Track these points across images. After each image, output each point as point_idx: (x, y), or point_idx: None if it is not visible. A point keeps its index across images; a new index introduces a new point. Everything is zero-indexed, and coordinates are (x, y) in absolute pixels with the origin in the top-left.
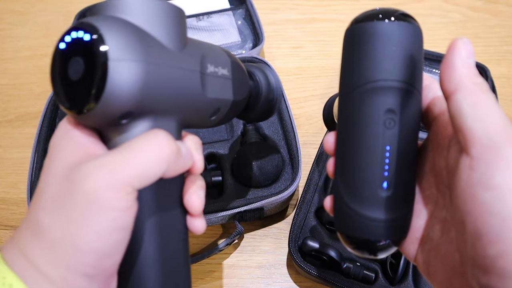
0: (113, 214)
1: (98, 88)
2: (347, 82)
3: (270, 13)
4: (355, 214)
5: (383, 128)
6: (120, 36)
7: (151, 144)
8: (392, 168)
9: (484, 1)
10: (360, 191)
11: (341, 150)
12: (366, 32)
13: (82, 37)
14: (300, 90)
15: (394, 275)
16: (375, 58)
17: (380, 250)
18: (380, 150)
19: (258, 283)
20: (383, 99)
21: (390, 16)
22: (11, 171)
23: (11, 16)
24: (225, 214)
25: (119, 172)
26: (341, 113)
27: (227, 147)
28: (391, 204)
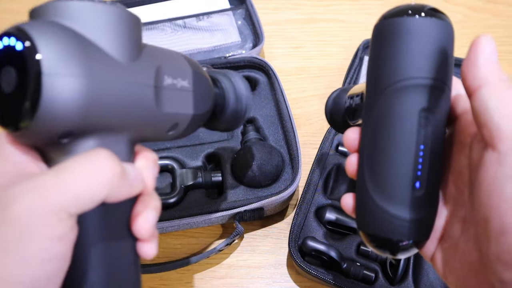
0: (43, 243)
1: (32, 104)
2: (379, 78)
3: (270, 13)
4: (383, 213)
5: (418, 126)
6: (57, 46)
7: (90, 165)
8: (425, 168)
9: (484, 1)
10: (392, 190)
11: (371, 147)
12: (398, 28)
13: (14, 45)
14: (300, 90)
15: (394, 275)
16: (410, 55)
17: (402, 250)
18: (415, 149)
19: (258, 283)
20: (419, 97)
21: (421, 12)
22: None
23: (11, 16)
24: (225, 214)
25: (52, 196)
26: (369, 111)
27: (227, 147)
28: (421, 204)
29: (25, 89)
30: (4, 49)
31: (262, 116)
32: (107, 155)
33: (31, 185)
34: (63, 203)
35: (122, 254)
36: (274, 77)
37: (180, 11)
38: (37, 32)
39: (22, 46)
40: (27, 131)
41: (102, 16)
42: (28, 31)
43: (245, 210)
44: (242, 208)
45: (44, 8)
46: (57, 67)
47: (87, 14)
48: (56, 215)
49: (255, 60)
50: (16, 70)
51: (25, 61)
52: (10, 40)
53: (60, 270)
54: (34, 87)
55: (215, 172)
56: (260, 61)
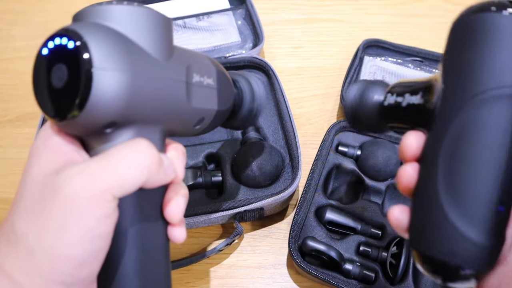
0: (91, 222)
1: (82, 97)
2: (467, 83)
3: (270, 13)
4: (456, 232)
5: (511, 142)
6: (105, 45)
7: (132, 153)
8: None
9: None
10: (473, 209)
11: (451, 159)
12: (487, 26)
13: (65, 44)
14: (300, 90)
15: (394, 275)
16: (504, 58)
17: (460, 279)
18: (506, 167)
19: (258, 283)
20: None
21: (509, 8)
22: (11, 171)
23: (11, 16)
24: (225, 214)
25: (99, 179)
26: (450, 117)
27: (227, 147)
28: (497, 229)
29: (77, 83)
30: (56, 48)
31: (262, 116)
32: (146, 144)
33: (81, 169)
34: (109, 186)
35: (155, 237)
36: (274, 77)
37: (180, 11)
38: (87, 32)
39: (73, 44)
40: (74, 122)
41: (140, 18)
42: (78, 31)
43: (245, 210)
44: (242, 208)
45: (87, 12)
46: (105, 62)
47: (127, 16)
48: (103, 196)
49: (255, 60)
50: (68, 66)
51: (76, 58)
52: (62, 40)
53: (103, 249)
54: (85, 81)
55: (215, 172)
56: (260, 61)
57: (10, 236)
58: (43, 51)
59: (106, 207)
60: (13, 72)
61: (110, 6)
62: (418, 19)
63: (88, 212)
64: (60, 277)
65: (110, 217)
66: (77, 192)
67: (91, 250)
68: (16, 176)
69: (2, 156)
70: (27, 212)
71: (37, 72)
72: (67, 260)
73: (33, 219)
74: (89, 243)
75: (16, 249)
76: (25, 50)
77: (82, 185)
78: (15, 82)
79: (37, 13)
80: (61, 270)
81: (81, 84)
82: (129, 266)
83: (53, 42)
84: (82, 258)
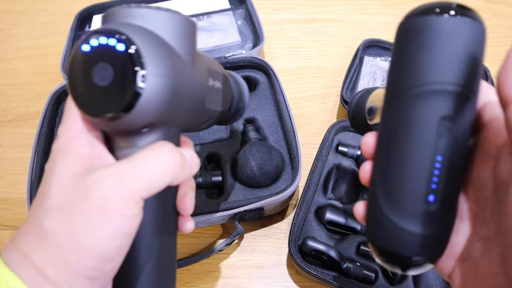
0: (120, 221)
1: (131, 101)
2: (398, 82)
3: (270, 13)
4: (392, 226)
5: (436, 136)
6: (154, 51)
7: (158, 157)
8: (441, 181)
9: (484, 1)
10: (402, 202)
11: (384, 155)
12: (422, 27)
13: (113, 46)
14: (300, 90)
15: (394, 275)
16: (432, 58)
17: (413, 266)
18: (430, 160)
19: (258, 283)
20: (439, 104)
21: (451, 10)
22: (11, 171)
23: (11, 16)
24: (225, 214)
25: (129, 182)
26: (387, 115)
27: (227, 147)
28: (434, 219)
29: (126, 86)
30: (101, 47)
31: (262, 116)
32: (170, 147)
33: (112, 171)
34: (138, 189)
35: (170, 230)
36: (274, 77)
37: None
38: (137, 38)
39: (124, 47)
40: (117, 121)
41: (174, 23)
42: (130, 36)
43: (245, 210)
44: (242, 208)
45: (124, 12)
46: (155, 69)
47: (165, 21)
48: (132, 198)
49: (255, 60)
50: (114, 67)
51: (127, 62)
52: (110, 41)
53: (126, 247)
54: (136, 86)
55: (215, 172)
56: (260, 61)
57: (38, 231)
58: (84, 47)
59: (134, 208)
60: (13, 72)
61: (149, 10)
62: None
63: (117, 212)
64: (86, 272)
65: (136, 218)
66: (109, 194)
67: (116, 247)
68: (16, 176)
69: (2, 156)
70: (55, 210)
71: (75, 68)
72: (94, 255)
73: (62, 217)
74: (115, 240)
75: (45, 243)
76: (25, 50)
77: (113, 187)
78: (15, 82)
79: (37, 13)
80: (88, 265)
81: (131, 88)
82: (148, 261)
83: (97, 41)
84: (107, 254)
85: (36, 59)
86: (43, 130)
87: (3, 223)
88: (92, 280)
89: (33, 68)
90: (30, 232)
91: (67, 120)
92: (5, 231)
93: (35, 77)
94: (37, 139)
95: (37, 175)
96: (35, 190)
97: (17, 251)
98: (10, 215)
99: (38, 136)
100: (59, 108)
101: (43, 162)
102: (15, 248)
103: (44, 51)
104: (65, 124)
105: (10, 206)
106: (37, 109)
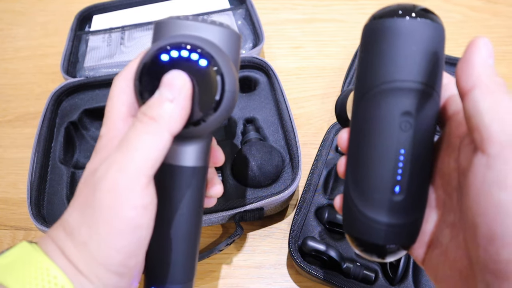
0: (131, 213)
1: (206, 114)
2: (364, 81)
3: (270, 13)
4: (364, 217)
5: (399, 130)
6: (229, 69)
7: (138, 127)
8: (405, 172)
9: (484, 1)
10: (371, 194)
11: (353, 150)
12: (384, 29)
13: (197, 60)
14: (300, 90)
15: (394, 275)
16: (393, 57)
17: (389, 254)
18: (394, 154)
19: (258, 283)
20: (400, 100)
21: (411, 13)
22: (11, 171)
23: (11, 16)
24: (225, 214)
25: (126, 166)
26: (355, 112)
27: (227, 147)
28: (403, 208)
29: (205, 101)
30: (181, 59)
31: (262, 116)
32: (144, 112)
33: (108, 164)
34: (136, 168)
35: (200, 211)
36: (274, 77)
37: (180, 11)
38: (218, 57)
39: (207, 64)
40: (187, 130)
41: (234, 41)
42: (212, 54)
43: (245, 210)
44: (242, 208)
45: (182, 25)
46: (230, 85)
47: (226, 38)
48: (137, 182)
49: (255, 60)
50: (197, 82)
51: (210, 77)
52: (192, 55)
53: (146, 238)
54: (216, 101)
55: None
56: (260, 61)
57: (65, 227)
58: (163, 57)
59: (144, 195)
60: (13, 72)
61: (212, 27)
62: None
63: (126, 203)
64: (114, 268)
65: (149, 206)
66: (113, 186)
67: (136, 240)
68: (16, 176)
69: (2, 156)
70: (75, 208)
71: (147, 72)
72: (118, 251)
73: (81, 215)
74: (133, 234)
75: (73, 240)
76: (25, 50)
77: (114, 177)
78: (15, 82)
79: (38, 13)
80: (114, 261)
81: (211, 104)
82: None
83: (177, 52)
84: (129, 249)
85: (36, 59)
86: (43, 130)
87: (3, 223)
88: (120, 276)
89: (33, 68)
90: (62, 227)
91: (108, 121)
92: (5, 231)
93: (35, 77)
94: (37, 139)
95: (37, 175)
96: (35, 190)
97: (53, 243)
98: (10, 215)
99: (38, 136)
100: (59, 108)
101: (43, 162)
102: (51, 241)
103: (44, 51)
104: (106, 124)
105: (10, 206)
106: (37, 109)
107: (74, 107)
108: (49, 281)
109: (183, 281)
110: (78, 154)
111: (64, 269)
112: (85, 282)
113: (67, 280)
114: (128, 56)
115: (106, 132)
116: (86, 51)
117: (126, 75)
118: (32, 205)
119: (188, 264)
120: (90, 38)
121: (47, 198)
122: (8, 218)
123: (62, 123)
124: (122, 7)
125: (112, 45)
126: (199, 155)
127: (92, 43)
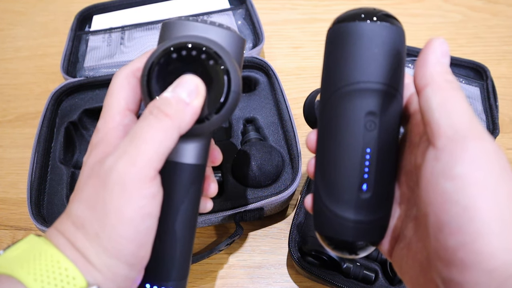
0: (142, 202)
1: (211, 112)
2: (329, 83)
3: (270, 13)
4: (333, 216)
5: (364, 130)
6: (235, 70)
7: (148, 120)
8: (372, 171)
9: (484, 1)
10: (339, 193)
11: (321, 150)
12: (347, 32)
13: (206, 60)
14: (300, 90)
15: (394, 275)
16: (356, 59)
17: (359, 250)
18: (360, 153)
19: (258, 283)
20: (364, 101)
21: (372, 17)
22: (11, 171)
23: (11, 16)
24: (225, 214)
25: (136, 158)
26: (322, 114)
27: (227, 147)
28: (370, 206)
29: (210, 99)
30: (189, 57)
31: (262, 116)
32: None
33: (119, 155)
34: (146, 160)
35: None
36: (274, 77)
37: (180, 11)
38: (225, 56)
39: (215, 64)
40: (193, 127)
41: (239, 42)
42: (222, 56)
43: (245, 210)
44: (242, 208)
45: (192, 26)
46: (234, 86)
47: (233, 41)
48: (146, 174)
49: (255, 60)
50: (200, 77)
51: (218, 77)
52: (203, 56)
53: (153, 228)
54: (222, 101)
55: (215, 172)
56: (260, 61)
57: (74, 220)
58: (174, 55)
59: (152, 186)
60: (13, 72)
61: (220, 30)
62: (417, 19)
63: (137, 194)
64: (125, 258)
65: (156, 196)
66: (122, 177)
67: (145, 229)
68: (16, 176)
69: (2, 156)
70: (83, 201)
71: (158, 68)
72: (129, 241)
73: (91, 208)
74: (143, 223)
75: (84, 232)
76: (25, 50)
77: (124, 168)
78: (15, 82)
79: (38, 13)
80: (125, 251)
81: (217, 103)
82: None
83: (188, 51)
84: (140, 238)
85: (36, 59)
86: (43, 130)
87: (3, 223)
88: (131, 267)
89: (33, 68)
90: (69, 220)
91: (106, 114)
92: (5, 231)
93: (35, 77)
94: (37, 139)
95: (37, 175)
96: (35, 190)
97: (62, 237)
98: (10, 215)
99: (38, 136)
100: (59, 108)
101: (43, 162)
102: (60, 234)
103: (44, 51)
104: (104, 117)
105: (10, 206)
106: (37, 109)
107: (74, 107)
108: (61, 273)
109: (178, 278)
110: (78, 154)
111: (75, 261)
112: (96, 274)
113: (78, 272)
114: (128, 56)
115: (103, 125)
116: (86, 51)
117: (128, 72)
118: (32, 205)
119: (183, 261)
120: (90, 38)
121: (47, 198)
122: (8, 218)
123: (62, 123)
124: (122, 7)
125: (112, 45)
126: (199, 153)
127: (92, 43)
